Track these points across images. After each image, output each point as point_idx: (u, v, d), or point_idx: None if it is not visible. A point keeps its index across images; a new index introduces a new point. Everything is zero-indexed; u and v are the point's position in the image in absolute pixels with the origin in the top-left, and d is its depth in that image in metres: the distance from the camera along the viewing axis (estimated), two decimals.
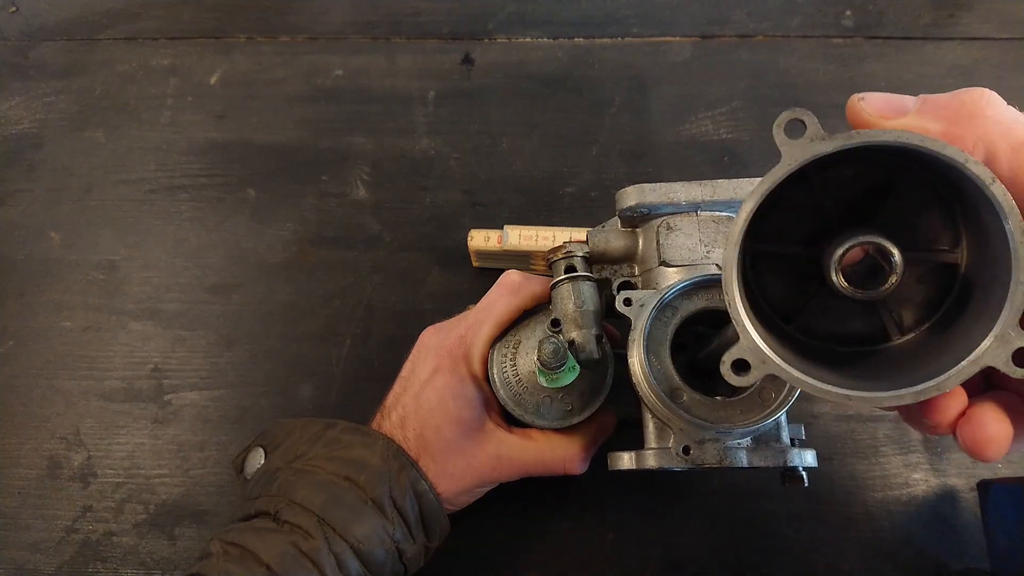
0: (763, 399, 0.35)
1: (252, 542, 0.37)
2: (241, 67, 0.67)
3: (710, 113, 0.62)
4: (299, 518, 0.37)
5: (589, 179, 0.60)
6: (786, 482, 0.38)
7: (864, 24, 0.66)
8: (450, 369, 0.41)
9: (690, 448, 0.36)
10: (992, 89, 0.25)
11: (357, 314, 0.56)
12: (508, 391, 0.42)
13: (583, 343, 0.39)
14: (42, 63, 0.68)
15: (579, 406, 0.41)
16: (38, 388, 0.55)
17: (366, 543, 0.37)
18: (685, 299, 0.38)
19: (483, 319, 0.42)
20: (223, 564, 0.36)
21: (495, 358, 0.42)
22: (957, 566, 0.46)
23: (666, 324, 0.38)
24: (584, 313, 0.40)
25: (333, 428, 0.41)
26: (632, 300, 0.39)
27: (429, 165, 0.61)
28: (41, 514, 0.51)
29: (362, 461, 0.39)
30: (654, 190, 0.40)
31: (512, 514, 0.49)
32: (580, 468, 0.42)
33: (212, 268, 0.58)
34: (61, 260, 0.59)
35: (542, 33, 0.67)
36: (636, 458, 0.38)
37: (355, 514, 0.37)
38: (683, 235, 0.41)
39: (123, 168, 0.63)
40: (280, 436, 0.43)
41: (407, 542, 0.39)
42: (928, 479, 0.49)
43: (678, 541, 0.48)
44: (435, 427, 0.40)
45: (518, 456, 0.41)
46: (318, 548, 0.36)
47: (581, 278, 0.41)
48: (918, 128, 0.24)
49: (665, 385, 0.36)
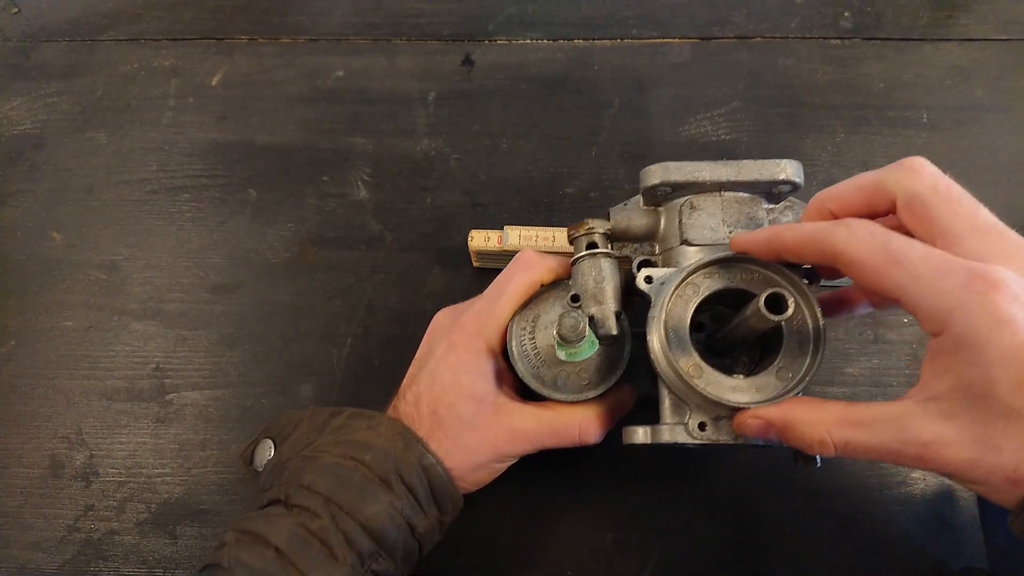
0: (780, 379, 0.36)
1: (262, 527, 0.37)
2: (242, 68, 0.67)
3: (709, 114, 0.62)
4: (307, 500, 0.37)
5: (589, 180, 0.60)
6: (799, 461, 0.38)
7: (863, 25, 0.66)
8: (465, 345, 0.41)
9: (706, 424, 0.36)
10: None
11: (358, 314, 0.56)
12: (526, 364, 0.42)
13: (602, 318, 0.40)
14: (44, 64, 0.68)
15: (596, 380, 0.42)
16: (40, 388, 0.55)
17: (375, 520, 0.37)
18: (706, 278, 0.38)
19: (500, 293, 0.42)
20: (234, 552, 0.37)
21: (514, 331, 0.42)
22: (956, 565, 0.46)
23: (687, 302, 0.38)
24: (603, 289, 0.40)
25: (339, 415, 0.42)
26: (653, 278, 0.39)
27: (429, 166, 0.61)
28: (43, 513, 0.51)
29: (367, 442, 0.39)
30: (679, 168, 0.40)
31: (512, 514, 0.49)
32: (595, 438, 0.42)
33: (213, 268, 0.58)
34: (63, 260, 0.59)
35: (542, 34, 0.67)
36: (651, 432, 0.38)
37: (362, 493, 0.38)
38: (706, 215, 0.41)
39: (125, 168, 0.63)
40: (288, 427, 0.43)
41: (418, 516, 0.39)
42: (926, 478, 0.49)
43: (678, 541, 0.48)
44: (448, 403, 0.40)
45: (533, 427, 0.41)
46: (326, 527, 0.36)
47: (601, 254, 0.41)
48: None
49: (684, 362, 0.36)
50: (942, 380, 0.29)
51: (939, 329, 0.29)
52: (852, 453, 0.31)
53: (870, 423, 0.30)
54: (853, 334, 0.53)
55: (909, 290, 0.29)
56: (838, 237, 0.32)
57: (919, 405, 0.29)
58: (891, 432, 0.30)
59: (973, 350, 0.28)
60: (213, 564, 0.37)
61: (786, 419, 0.33)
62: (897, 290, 0.30)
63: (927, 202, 0.31)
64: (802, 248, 0.34)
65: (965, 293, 0.28)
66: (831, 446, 0.31)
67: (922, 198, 0.31)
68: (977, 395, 0.28)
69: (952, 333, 0.28)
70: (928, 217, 0.31)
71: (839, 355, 0.53)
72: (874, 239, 0.31)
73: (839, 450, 0.31)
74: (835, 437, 0.31)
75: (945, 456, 0.29)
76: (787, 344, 0.36)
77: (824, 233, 0.32)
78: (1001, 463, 0.28)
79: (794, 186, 0.40)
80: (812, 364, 0.35)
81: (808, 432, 0.32)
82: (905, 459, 0.30)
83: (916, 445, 0.29)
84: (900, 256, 0.30)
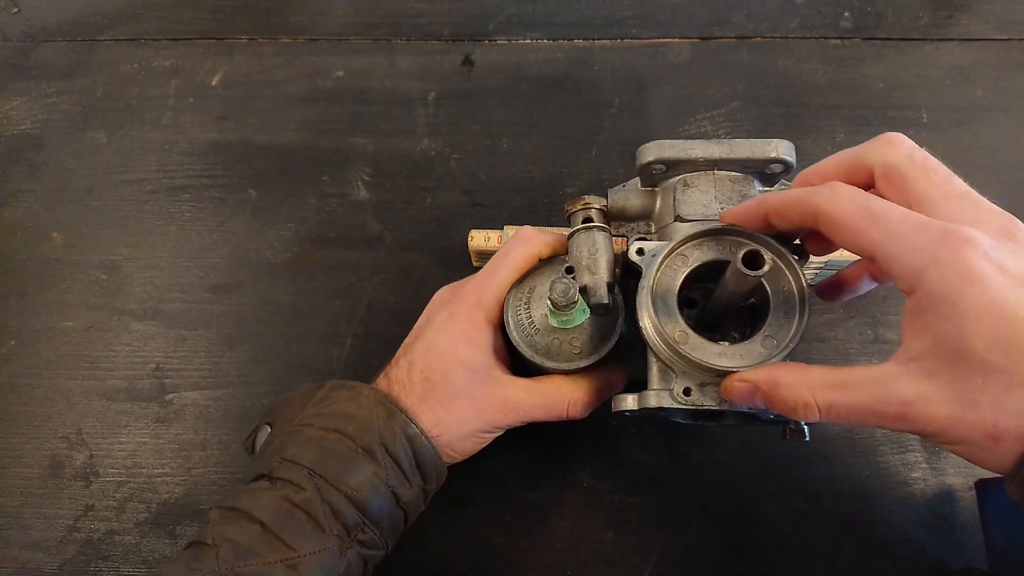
0: (765, 346, 0.36)
1: (246, 502, 0.37)
2: (242, 68, 0.67)
3: (709, 114, 0.62)
4: (290, 473, 0.37)
5: (589, 180, 0.60)
6: (787, 435, 0.39)
7: (863, 25, 0.66)
8: (464, 315, 0.42)
9: (691, 390, 0.37)
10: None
11: (358, 314, 0.56)
12: (520, 332, 0.43)
13: (594, 288, 0.41)
14: (44, 64, 0.68)
15: (588, 350, 0.43)
16: (40, 388, 0.55)
17: (360, 491, 0.37)
18: (696, 249, 0.39)
19: (498, 266, 0.43)
20: (218, 528, 0.37)
21: (510, 303, 0.44)
22: (956, 565, 0.46)
23: (675, 271, 0.39)
24: (597, 260, 0.41)
25: (321, 388, 0.42)
26: (645, 250, 0.40)
27: (429, 166, 0.61)
28: (43, 513, 0.51)
29: (349, 413, 0.39)
30: (673, 146, 0.41)
31: (512, 514, 0.49)
32: (582, 412, 0.43)
33: (213, 268, 0.58)
34: (63, 260, 0.59)
35: (542, 34, 0.67)
36: (639, 399, 0.39)
37: (346, 463, 0.38)
38: (699, 192, 0.42)
39: (125, 168, 0.63)
40: (281, 409, 0.43)
41: (403, 486, 0.39)
42: (926, 478, 0.49)
43: (678, 541, 0.48)
44: (442, 371, 0.41)
45: (525, 399, 0.42)
46: (310, 499, 0.36)
47: (596, 228, 0.42)
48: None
49: (670, 328, 0.37)
50: (920, 339, 0.29)
51: (913, 286, 0.30)
52: (836, 416, 0.31)
53: (853, 385, 0.31)
54: (853, 334, 0.53)
55: (885, 247, 0.30)
56: (821, 197, 0.33)
57: (901, 366, 0.30)
58: (873, 392, 0.30)
59: (946, 305, 0.28)
60: (198, 542, 0.37)
61: (771, 381, 0.33)
62: (874, 247, 0.31)
63: (903, 171, 0.32)
64: (787, 209, 0.34)
65: (938, 249, 0.29)
66: (815, 409, 0.32)
67: (899, 167, 0.33)
68: (953, 351, 0.28)
69: (926, 289, 0.29)
70: (904, 186, 0.32)
71: (839, 355, 0.53)
72: (856, 199, 0.32)
73: (823, 413, 0.32)
74: (819, 399, 0.31)
75: (926, 414, 0.29)
76: (774, 313, 0.37)
77: (808, 194, 0.33)
78: (981, 419, 0.28)
79: (786, 165, 0.41)
80: (797, 329, 0.36)
81: (793, 395, 0.32)
82: (888, 419, 0.30)
83: (897, 404, 0.29)
84: (879, 215, 0.31)
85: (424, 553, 0.48)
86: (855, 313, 0.54)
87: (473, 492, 0.49)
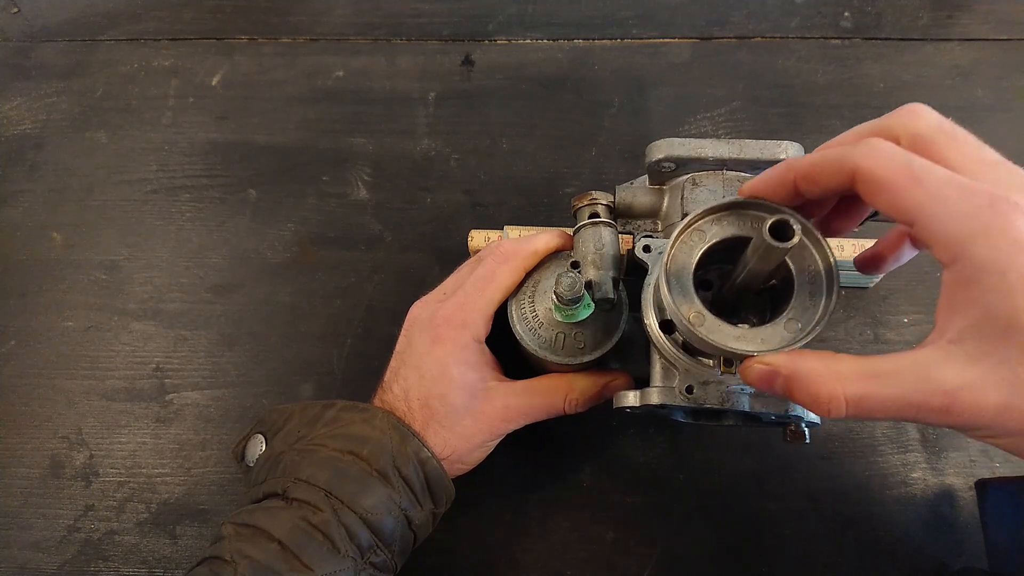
0: (788, 330, 0.33)
1: (263, 521, 0.37)
2: (242, 68, 0.67)
3: (709, 114, 0.62)
4: (307, 494, 0.37)
5: (589, 180, 0.60)
6: (787, 437, 0.38)
7: (863, 25, 0.66)
8: (451, 338, 0.42)
9: (693, 388, 0.37)
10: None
11: (358, 314, 0.56)
12: (524, 326, 0.43)
13: (599, 282, 0.41)
14: (43, 64, 0.68)
15: (591, 345, 0.43)
16: (40, 388, 0.55)
17: (374, 513, 0.38)
18: (715, 224, 0.35)
19: (483, 288, 0.43)
20: (236, 544, 0.37)
21: (514, 299, 0.44)
22: (956, 565, 0.46)
23: (692, 248, 0.35)
24: (603, 256, 0.41)
25: (332, 408, 0.42)
26: (651, 247, 0.40)
27: (430, 166, 0.61)
28: (43, 513, 0.51)
29: (363, 436, 0.39)
30: (683, 144, 0.41)
31: (512, 514, 0.49)
32: (581, 407, 0.43)
33: (213, 268, 0.58)
34: (63, 260, 0.59)
35: (542, 35, 0.67)
36: (641, 395, 0.39)
37: (361, 486, 0.38)
38: (707, 191, 0.42)
39: (124, 168, 0.63)
40: (279, 421, 0.43)
41: (414, 509, 0.40)
42: (926, 478, 0.49)
43: (678, 541, 0.48)
44: (439, 395, 0.41)
45: (524, 401, 0.42)
46: (328, 520, 0.37)
47: (603, 224, 0.42)
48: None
49: (685, 309, 0.34)
50: (962, 316, 0.26)
51: (955, 255, 0.26)
52: (867, 411, 0.28)
53: (888, 374, 0.27)
54: (853, 334, 0.53)
55: (928, 210, 0.27)
56: (858, 153, 0.29)
57: (941, 350, 0.27)
58: (912, 382, 0.27)
59: (995, 276, 0.25)
60: (214, 557, 0.37)
61: (795, 368, 0.29)
62: (916, 210, 0.27)
63: (933, 139, 0.29)
64: (818, 170, 0.31)
65: (989, 216, 0.26)
66: (842, 402, 0.28)
67: (927, 136, 0.29)
68: (1003, 328, 0.25)
69: (971, 259, 0.26)
70: (933, 155, 0.29)
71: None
72: (896, 157, 0.28)
73: (851, 407, 0.28)
74: (849, 391, 0.28)
75: (973, 404, 0.26)
76: (798, 294, 0.33)
77: (844, 152, 0.30)
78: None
79: None
80: (824, 312, 0.32)
81: (818, 385, 0.28)
82: (930, 413, 0.27)
83: (940, 394, 0.26)
84: (922, 175, 0.28)
85: (424, 553, 0.48)
86: (855, 313, 0.54)
87: (474, 492, 0.49)
